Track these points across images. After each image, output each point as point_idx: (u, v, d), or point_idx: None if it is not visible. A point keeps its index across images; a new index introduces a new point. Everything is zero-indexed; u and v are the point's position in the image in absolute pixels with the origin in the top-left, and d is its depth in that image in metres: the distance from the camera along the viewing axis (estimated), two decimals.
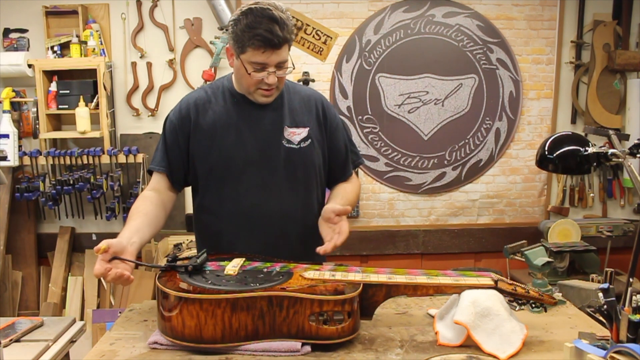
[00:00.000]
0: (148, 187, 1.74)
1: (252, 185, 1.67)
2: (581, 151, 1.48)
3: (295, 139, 1.69)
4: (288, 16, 1.57)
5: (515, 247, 2.04)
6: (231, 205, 1.68)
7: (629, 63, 3.49)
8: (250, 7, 1.55)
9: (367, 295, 1.41)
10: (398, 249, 3.61)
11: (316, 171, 1.75)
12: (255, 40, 1.52)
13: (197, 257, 1.47)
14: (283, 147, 1.68)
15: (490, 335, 1.34)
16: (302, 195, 1.72)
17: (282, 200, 1.69)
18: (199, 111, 1.70)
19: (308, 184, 1.74)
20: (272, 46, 1.52)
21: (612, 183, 3.70)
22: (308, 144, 1.71)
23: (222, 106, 1.70)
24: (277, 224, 1.68)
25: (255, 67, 1.56)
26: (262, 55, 1.54)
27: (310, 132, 1.72)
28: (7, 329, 1.75)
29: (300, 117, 1.72)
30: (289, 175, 1.70)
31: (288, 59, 1.60)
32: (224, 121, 1.68)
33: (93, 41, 3.29)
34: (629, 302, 1.19)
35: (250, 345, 1.31)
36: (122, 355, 1.34)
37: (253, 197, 1.67)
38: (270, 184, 1.68)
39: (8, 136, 3.20)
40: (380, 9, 3.47)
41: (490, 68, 3.55)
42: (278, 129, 1.69)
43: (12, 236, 3.42)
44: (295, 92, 1.76)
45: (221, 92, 1.73)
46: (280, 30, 1.52)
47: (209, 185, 1.71)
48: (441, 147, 3.59)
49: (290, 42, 1.58)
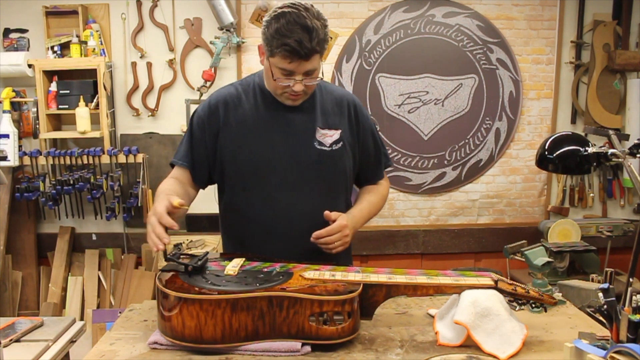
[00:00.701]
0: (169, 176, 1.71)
1: (280, 186, 1.64)
2: (581, 151, 1.48)
3: (327, 140, 1.66)
4: (323, 22, 1.50)
5: (515, 247, 2.04)
6: (258, 206, 1.65)
7: (629, 63, 3.49)
8: (283, 10, 1.49)
9: (367, 295, 1.41)
10: (398, 249, 3.61)
11: (346, 174, 1.73)
12: (283, 50, 1.47)
13: (198, 257, 1.47)
14: (314, 148, 1.65)
15: (490, 335, 1.34)
16: (331, 197, 1.69)
17: (310, 202, 1.65)
18: (229, 108, 1.66)
19: (337, 186, 1.72)
20: (300, 57, 1.47)
21: (612, 183, 3.70)
22: (340, 147, 1.67)
23: (253, 104, 1.67)
24: (305, 227, 1.61)
25: (282, 73, 1.52)
26: (289, 64, 1.49)
27: (343, 134, 1.69)
28: (7, 329, 1.75)
29: (333, 118, 1.69)
30: (319, 177, 1.67)
31: (318, 67, 1.54)
32: (254, 120, 1.65)
33: (93, 41, 3.29)
34: (629, 302, 1.19)
35: (250, 345, 1.31)
36: (122, 355, 1.34)
37: (281, 198, 1.65)
38: (299, 186, 1.65)
39: (8, 136, 3.20)
40: (380, 9, 3.47)
41: (490, 68, 3.55)
42: (310, 131, 1.66)
43: (12, 236, 3.42)
44: (327, 93, 1.72)
45: (252, 90, 1.69)
46: (311, 41, 1.46)
47: (237, 184, 1.68)
48: (441, 147, 3.59)
49: (322, 51, 1.52)
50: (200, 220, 3.51)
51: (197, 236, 3.45)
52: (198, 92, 3.39)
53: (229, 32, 3.33)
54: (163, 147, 3.49)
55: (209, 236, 3.44)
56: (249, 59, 3.46)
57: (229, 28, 3.32)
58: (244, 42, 3.41)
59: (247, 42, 3.42)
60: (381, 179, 1.86)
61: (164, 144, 3.49)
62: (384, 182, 1.87)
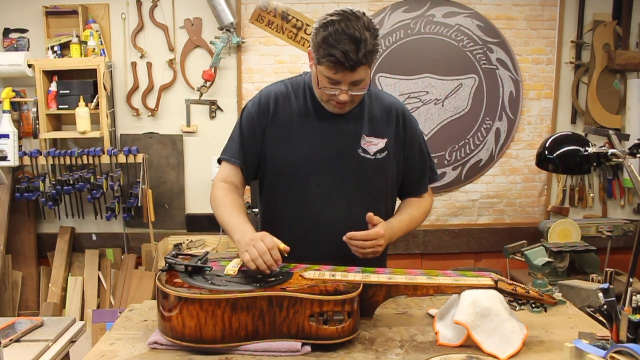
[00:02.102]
0: (220, 177, 1.69)
1: (319, 190, 1.63)
2: (581, 151, 1.48)
3: (371, 149, 1.64)
4: (373, 33, 1.45)
5: (515, 247, 2.04)
6: (296, 208, 1.64)
7: (629, 63, 3.49)
8: (333, 18, 1.46)
9: (367, 295, 1.41)
10: (398, 249, 3.61)
11: (388, 184, 1.70)
12: (328, 60, 1.44)
13: (198, 257, 1.48)
14: (358, 156, 1.63)
15: (490, 335, 1.34)
16: (370, 206, 1.64)
17: (348, 209, 1.63)
18: (278, 105, 1.65)
19: (378, 195, 1.69)
20: (346, 69, 1.44)
21: (612, 183, 3.70)
22: (384, 156, 1.65)
23: (302, 104, 1.65)
24: (341, 233, 1.56)
25: (328, 82, 1.50)
26: (335, 74, 1.47)
27: (388, 143, 1.66)
28: (7, 329, 1.75)
29: (380, 126, 1.66)
30: (359, 185, 1.65)
31: (366, 78, 1.51)
32: (301, 120, 1.63)
33: (93, 41, 3.29)
34: (629, 302, 1.19)
35: (250, 345, 1.31)
36: (122, 355, 1.34)
37: (319, 202, 1.63)
38: (339, 192, 1.63)
39: (8, 136, 3.20)
40: (380, 9, 3.47)
41: (490, 68, 3.55)
42: (355, 137, 1.63)
43: (12, 236, 3.42)
44: (377, 100, 1.70)
45: (302, 90, 1.67)
46: (357, 52, 1.42)
47: (275, 183, 1.68)
48: (441, 147, 3.59)
49: (371, 62, 1.48)
50: (200, 220, 3.51)
51: (197, 236, 3.45)
52: (198, 92, 3.39)
53: (229, 32, 3.33)
54: (163, 147, 3.49)
55: (209, 236, 3.44)
56: (249, 59, 3.46)
57: (229, 28, 3.32)
58: (244, 42, 3.41)
59: (247, 42, 3.42)
60: (425, 193, 1.80)
61: (164, 144, 3.49)
62: (427, 196, 1.80)
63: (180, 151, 3.50)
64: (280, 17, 3.42)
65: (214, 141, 3.42)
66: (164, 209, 3.52)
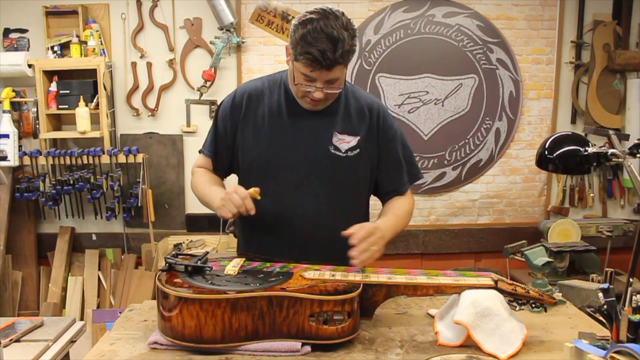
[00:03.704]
0: (197, 164, 1.80)
1: (289, 186, 1.64)
2: (581, 151, 1.48)
3: (342, 146, 1.64)
4: (351, 33, 1.47)
5: (515, 247, 2.05)
6: (267, 203, 1.64)
7: (629, 63, 3.49)
8: (311, 17, 1.46)
9: (367, 295, 1.41)
10: (398, 249, 3.61)
11: (359, 182, 1.70)
12: (305, 57, 1.45)
13: (198, 257, 1.48)
14: (328, 153, 1.64)
15: (490, 335, 1.34)
16: (341, 203, 1.66)
17: (316, 205, 1.64)
18: (252, 102, 1.67)
19: (349, 192, 1.69)
20: (322, 67, 1.46)
21: (612, 183, 3.70)
22: (355, 154, 1.65)
23: (276, 101, 1.66)
24: (310, 228, 1.62)
25: (304, 79, 1.51)
26: (311, 72, 1.48)
27: (360, 141, 1.66)
28: (7, 329, 1.75)
29: (353, 124, 1.66)
30: (329, 182, 1.65)
31: (341, 77, 1.53)
32: (273, 117, 1.65)
33: (93, 41, 3.29)
34: (629, 302, 1.19)
35: (250, 345, 1.31)
36: (122, 355, 1.34)
37: (288, 198, 1.64)
38: (307, 188, 1.64)
39: (8, 136, 3.20)
40: (380, 9, 3.47)
41: (490, 68, 3.55)
42: (327, 134, 1.64)
43: (12, 236, 3.42)
44: (354, 98, 1.70)
45: (277, 87, 1.68)
46: (335, 52, 1.43)
47: (249, 178, 1.69)
48: (441, 147, 3.59)
49: (347, 62, 1.50)
50: (200, 220, 3.51)
51: (197, 236, 3.45)
52: (198, 92, 3.39)
53: (229, 32, 3.33)
54: (163, 147, 3.49)
55: (209, 236, 3.44)
56: (249, 59, 3.46)
57: (229, 28, 3.32)
58: (244, 42, 3.41)
59: (247, 42, 3.42)
60: (405, 192, 1.77)
61: (164, 144, 3.49)
62: (407, 197, 1.78)
63: (180, 151, 3.50)
64: (280, 17, 3.42)
65: None
66: (164, 209, 3.52)
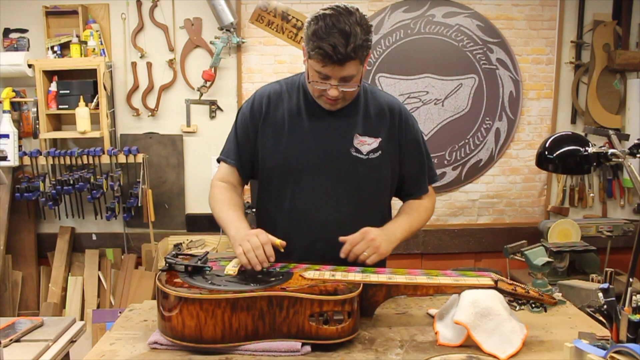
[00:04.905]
0: (218, 176, 1.72)
1: (310, 189, 1.62)
2: (581, 151, 1.48)
3: (364, 148, 1.62)
4: (365, 29, 1.46)
5: (515, 247, 2.04)
6: (288, 206, 1.64)
7: (628, 63, 3.49)
8: (325, 12, 1.46)
9: (367, 295, 1.41)
10: (398, 249, 3.56)
11: (381, 184, 1.69)
12: (317, 53, 1.44)
13: (198, 257, 1.48)
14: (350, 155, 1.62)
15: (490, 335, 1.34)
16: (362, 206, 1.65)
17: (338, 209, 1.63)
18: (271, 105, 1.65)
19: (371, 195, 1.67)
20: (334, 62, 1.44)
21: (612, 183, 3.70)
22: (377, 156, 1.63)
23: (295, 104, 1.65)
24: (330, 232, 1.58)
25: (318, 76, 1.50)
26: (323, 68, 1.47)
27: (382, 143, 1.64)
28: (7, 329, 1.75)
29: (374, 126, 1.64)
30: (351, 185, 1.63)
31: (357, 74, 1.51)
32: (293, 119, 1.63)
33: (93, 41, 3.29)
34: (629, 302, 1.19)
35: (250, 345, 1.31)
36: (122, 355, 1.34)
37: (310, 201, 1.63)
38: (329, 192, 1.62)
39: (8, 136, 3.20)
40: (380, 9, 3.47)
41: (490, 68, 3.55)
42: (348, 137, 1.62)
43: (12, 236, 3.42)
44: (373, 98, 1.68)
45: (296, 89, 1.67)
46: (346, 46, 1.41)
47: (269, 182, 1.68)
48: (441, 147, 3.59)
49: (362, 58, 1.48)
50: (200, 220, 3.51)
51: (197, 236, 3.45)
52: (198, 92, 3.39)
53: (229, 32, 3.33)
54: (163, 147, 3.49)
55: (209, 236, 3.44)
56: (249, 59, 3.46)
57: (229, 28, 3.32)
58: (244, 42, 3.41)
59: (247, 42, 3.42)
60: (425, 194, 1.77)
61: (164, 144, 3.49)
62: (428, 197, 1.78)
63: (180, 151, 3.50)
64: (280, 17, 3.42)
65: (214, 141, 3.41)
66: (164, 209, 3.52)
